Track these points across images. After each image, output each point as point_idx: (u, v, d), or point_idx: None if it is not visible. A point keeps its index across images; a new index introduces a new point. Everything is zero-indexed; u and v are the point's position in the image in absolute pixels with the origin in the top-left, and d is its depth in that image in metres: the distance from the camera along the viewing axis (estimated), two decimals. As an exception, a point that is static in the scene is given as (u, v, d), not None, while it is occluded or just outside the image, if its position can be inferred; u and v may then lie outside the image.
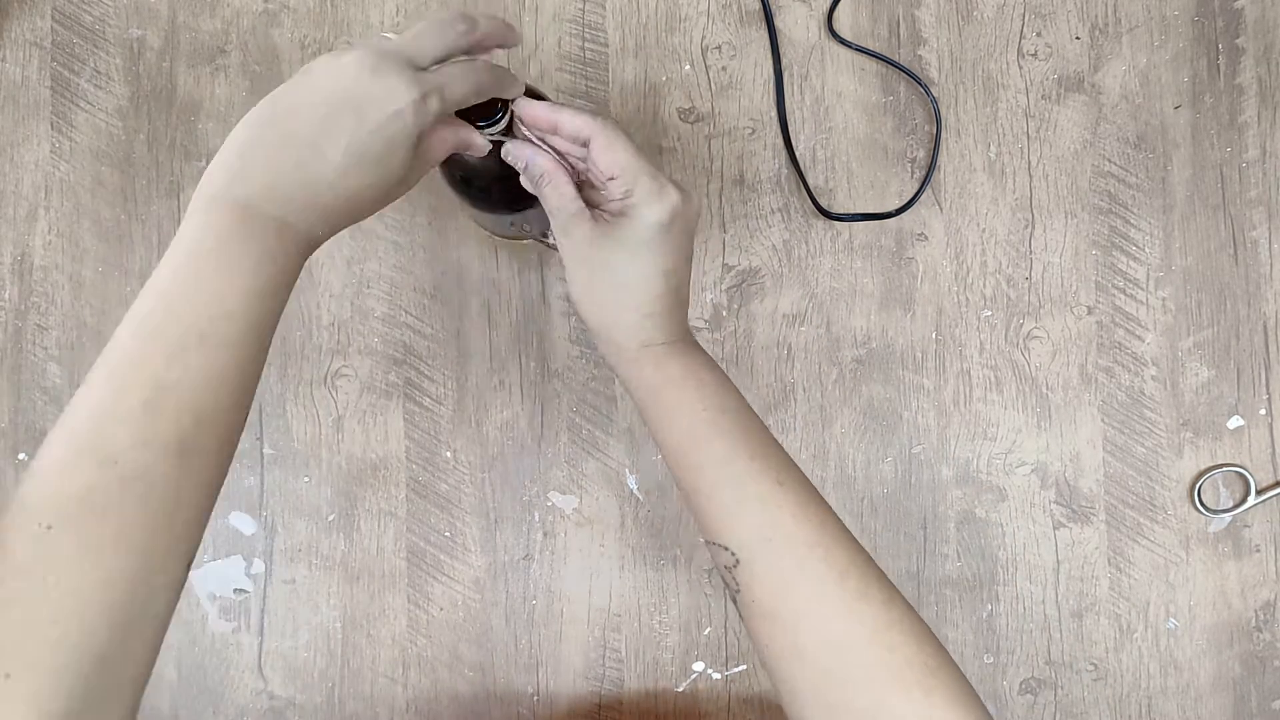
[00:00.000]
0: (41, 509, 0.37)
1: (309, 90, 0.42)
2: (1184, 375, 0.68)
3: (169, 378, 0.39)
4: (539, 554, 0.67)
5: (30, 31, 0.69)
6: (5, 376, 0.67)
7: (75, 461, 0.38)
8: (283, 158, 0.42)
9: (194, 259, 0.41)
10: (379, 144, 0.42)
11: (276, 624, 0.67)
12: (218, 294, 0.40)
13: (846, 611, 0.43)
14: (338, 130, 0.41)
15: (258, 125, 0.42)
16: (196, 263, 0.41)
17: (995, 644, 0.67)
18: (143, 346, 0.40)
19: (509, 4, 0.68)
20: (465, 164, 0.53)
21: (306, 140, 0.41)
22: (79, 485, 0.37)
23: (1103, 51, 0.69)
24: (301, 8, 0.68)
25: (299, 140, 0.41)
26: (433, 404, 0.68)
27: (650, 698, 0.67)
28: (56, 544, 0.36)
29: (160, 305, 0.40)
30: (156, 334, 0.40)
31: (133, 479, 0.38)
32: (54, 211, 0.68)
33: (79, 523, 0.37)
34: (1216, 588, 0.67)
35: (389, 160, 0.43)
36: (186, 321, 0.40)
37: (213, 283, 0.41)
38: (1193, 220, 0.68)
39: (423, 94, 0.42)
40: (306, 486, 0.67)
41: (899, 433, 0.68)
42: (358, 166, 0.42)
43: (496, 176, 0.53)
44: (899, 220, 0.68)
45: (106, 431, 0.38)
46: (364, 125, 0.41)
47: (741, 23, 0.69)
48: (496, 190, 0.54)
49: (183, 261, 0.41)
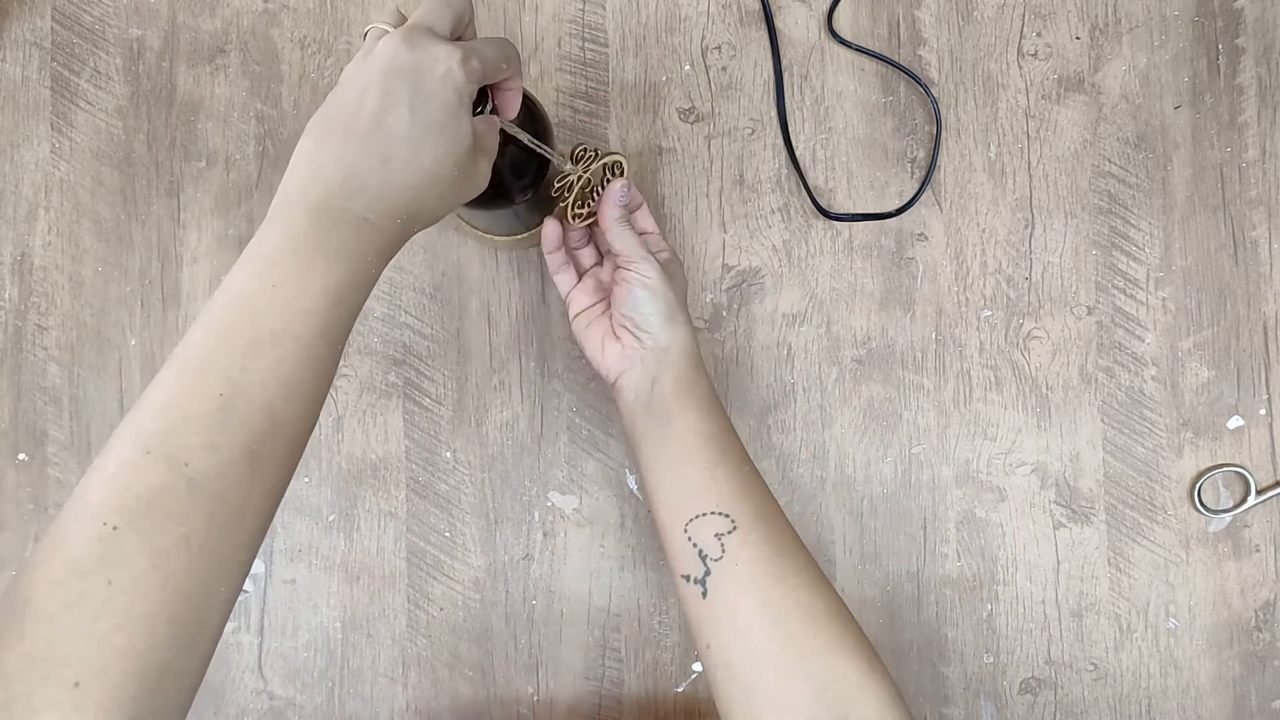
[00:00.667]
0: (106, 508, 0.36)
1: (357, 85, 0.42)
2: (1184, 375, 0.68)
3: (242, 379, 0.38)
4: (539, 554, 0.67)
5: (30, 31, 0.69)
6: (5, 376, 0.67)
7: (144, 461, 0.36)
8: (350, 151, 0.41)
9: (269, 261, 0.40)
10: (439, 109, 0.42)
11: (276, 624, 0.67)
12: (294, 293, 0.40)
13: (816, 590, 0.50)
14: (397, 106, 0.41)
15: (319, 129, 0.42)
16: (271, 265, 0.40)
17: (995, 644, 0.67)
18: (216, 344, 0.39)
19: (509, 4, 0.68)
20: None
21: (372, 125, 0.41)
22: (146, 486, 0.36)
23: (1103, 51, 0.69)
24: (301, 8, 0.68)
25: (365, 128, 0.41)
26: (432, 404, 0.68)
27: (650, 698, 0.67)
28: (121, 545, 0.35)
29: (234, 304, 0.39)
30: (229, 332, 0.39)
31: (202, 482, 0.37)
32: (54, 211, 0.68)
33: (146, 524, 0.36)
34: (1216, 588, 0.67)
35: (453, 127, 0.43)
36: (261, 320, 0.39)
37: (289, 282, 0.40)
38: (1193, 220, 0.68)
39: (465, 53, 0.42)
40: (306, 487, 0.67)
41: (899, 433, 0.68)
42: (426, 136, 0.42)
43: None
44: (899, 220, 0.68)
45: (177, 431, 0.37)
46: (420, 94, 0.41)
47: (741, 23, 0.69)
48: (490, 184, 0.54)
49: (257, 266, 0.40)
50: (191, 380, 0.38)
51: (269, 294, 0.39)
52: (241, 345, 0.38)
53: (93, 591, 0.35)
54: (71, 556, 0.35)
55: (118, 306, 0.67)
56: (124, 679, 0.34)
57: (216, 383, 0.38)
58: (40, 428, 0.67)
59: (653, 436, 0.54)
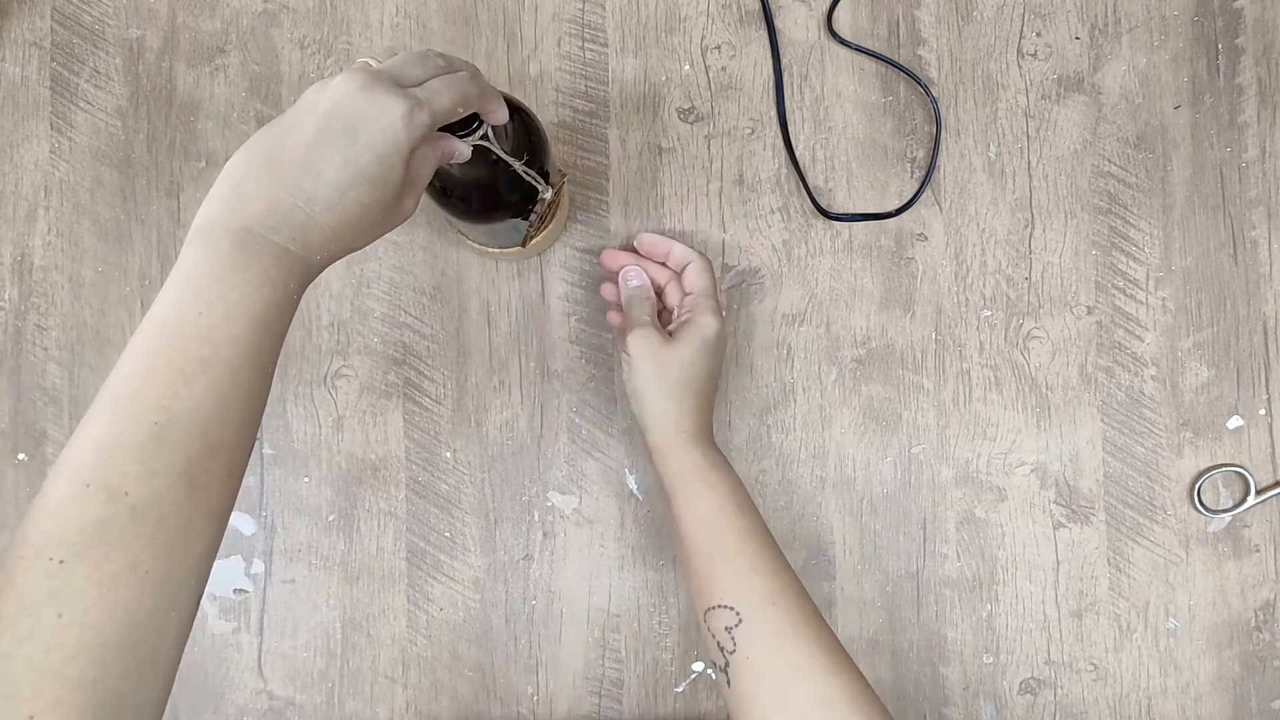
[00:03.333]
0: (51, 543, 0.36)
1: (300, 115, 0.42)
2: (1184, 375, 0.68)
3: (175, 406, 0.39)
4: (539, 554, 0.67)
5: (30, 31, 0.69)
6: (5, 376, 0.67)
7: (84, 494, 0.37)
8: (278, 183, 0.42)
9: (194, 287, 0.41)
10: (372, 160, 0.42)
11: (276, 624, 0.67)
12: (220, 319, 0.40)
13: (833, 675, 0.49)
14: (331, 149, 0.41)
15: (251, 154, 0.42)
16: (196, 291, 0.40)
17: (995, 644, 0.67)
18: (146, 375, 0.39)
19: (509, 4, 0.68)
20: (444, 174, 0.52)
21: (301, 162, 0.41)
22: (90, 518, 0.37)
23: (1102, 51, 0.69)
24: (301, 8, 0.68)
25: (293, 163, 0.41)
26: (432, 404, 0.68)
27: (650, 698, 0.67)
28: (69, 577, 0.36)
29: (162, 334, 0.40)
30: (160, 362, 0.39)
31: (144, 510, 0.37)
32: (54, 211, 0.68)
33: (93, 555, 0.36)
34: (1216, 588, 0.67)
35: (384, 177, 0.42)
36: (189, 348, 0.40)
37: (215, 309, 0.40)
38: (1192, 220, 0.68)
39: (411, 107, 0.42)
40: (306, 487, 0.67)
41: (899, 433, 0.68)
42: (353, 186, 0.42)
43: (474, 185, 0.52)
44: (899, 220, 0.68)
45: (115, 463, 0.38)
46: (356, 142, 0.41)
47: (741, 23, 0.69)
48: (476, 199, 0.54)
49: (182, 291, 0.41)
50: (125, 410, 0.39)
51: (195, 321, 0.40)
52: (171, 374, 0.39)
53: (44, 625, 0.35)
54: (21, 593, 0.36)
55: (118, 306, 0.67)
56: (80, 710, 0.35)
57: (150, 412, 0.38)
58: (40, 428, 0.67)
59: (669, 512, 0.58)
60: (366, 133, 0.41)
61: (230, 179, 0.42)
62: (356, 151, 0.41)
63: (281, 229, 0.42)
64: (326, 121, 0.41)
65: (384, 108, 0.41)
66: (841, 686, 0.49)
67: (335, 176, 0.41)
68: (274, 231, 0.42)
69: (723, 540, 0.54)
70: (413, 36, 0.68)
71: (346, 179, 0.42)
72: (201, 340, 0.40)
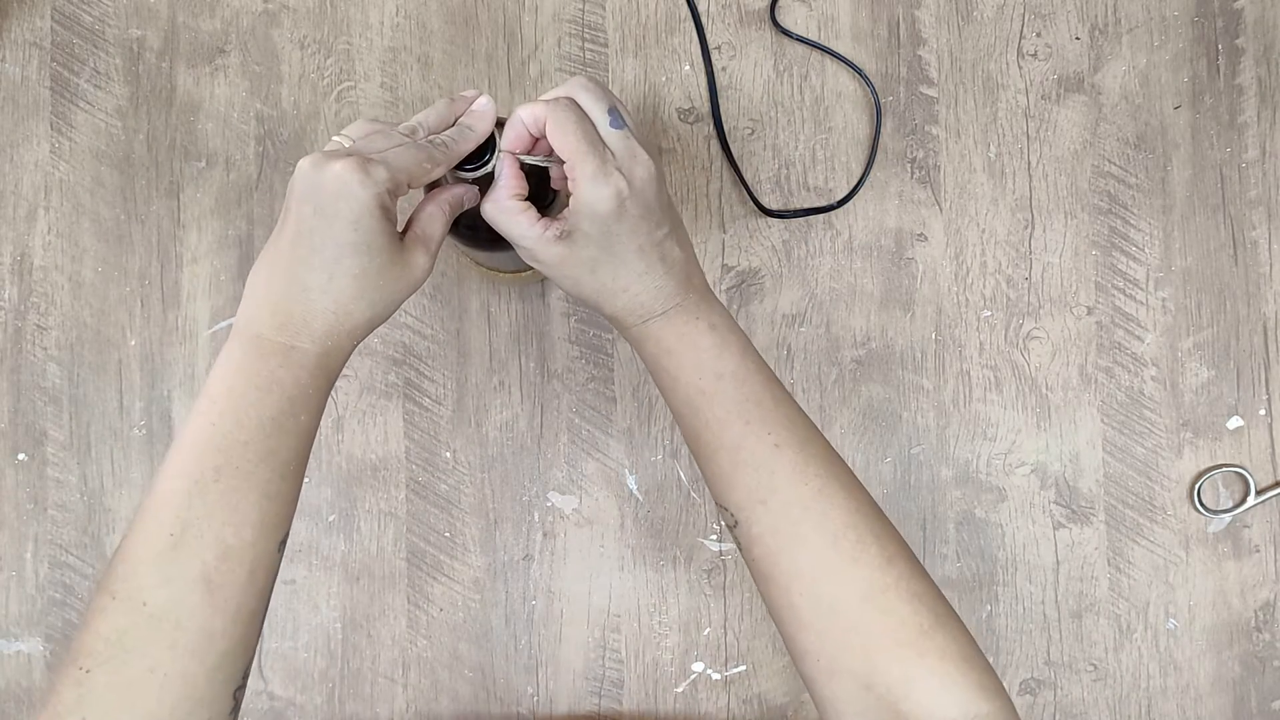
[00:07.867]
0: (80, 652, 0.39)
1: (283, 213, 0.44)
2: (1184, 375, 0.68)
3: (190, 515, 0.41)
4: (539, 554, 0.67)
5: (30, 31, 0.69)
6: (5, 376, 0.67)
7: (109, 605, 0.40)
8: (275, 281, 0.43)
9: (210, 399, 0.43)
10: (346, 228, 0.42)
11: (276, 624, 0.67)
12: (232, 427, 0.42)
13: (838, 574, 0.44)
14: (308, 233, 0.42)
15: (260, 262, 0.44)
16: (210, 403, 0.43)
17: (995, 644, 0.67)
18: (170, 488, 0.42)
19: (509, 4, 0.68)
20: None
21: (288, 256, 0.43)
22: (111, 627, 0.40)
23: (1102, 52, 0.69)
24: (301, 8, 0.68)
25: (285, 260, 0.43)
26: (432, 404, 0.68)
27: (650, 698, 0.67)
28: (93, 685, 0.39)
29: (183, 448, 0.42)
30: (180, 474, 0.42)
31: (160, 616, 0.40)
32: (54, 211, 0.68)
33: (111, 663, 0.39)
34: (1216, 588, 0.67)
35: (365, 242, 0.42)
36: (205, 459, 0.42)
37: (226, 418, 0.42)
38: (1192, 220, 0.68)
39: (359, 163, 0.41)
40: (306, 487, 0.67)
41: (898, 433, 0.68)
42: (338, 260, 0.42)
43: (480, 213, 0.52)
44: (899, 220, 0.68)
45: (135, 574, 0.40)
46: (323, 216, 0.42)
47: (741, 23, 0.69)
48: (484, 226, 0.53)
49: (202, 405, 0.43)
50: (147, 524, 0.41)
51: (209, 431, 0.42)
52: (188, 485, 0.41)
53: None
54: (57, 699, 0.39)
55: (118, 306, 0.68)
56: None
57: (167, 524, 0.41)
58: (40, 428, 0.67)
59: None
60: (330, 204, 0.41)
61: (247, 290, 0.44)
62: (327, 225, 0.42)
63: (286, 327, 0.43)
64: (299, 209, 0.42)
65: (334, 174, 0.41)
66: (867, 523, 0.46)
67: (319, 258, 0.42)
68: (279, 331, 0.43)
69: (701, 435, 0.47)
70: (413, 36, 0.68)
71: (331, 256, 0.42)
72: (215, 450, 0.42)
